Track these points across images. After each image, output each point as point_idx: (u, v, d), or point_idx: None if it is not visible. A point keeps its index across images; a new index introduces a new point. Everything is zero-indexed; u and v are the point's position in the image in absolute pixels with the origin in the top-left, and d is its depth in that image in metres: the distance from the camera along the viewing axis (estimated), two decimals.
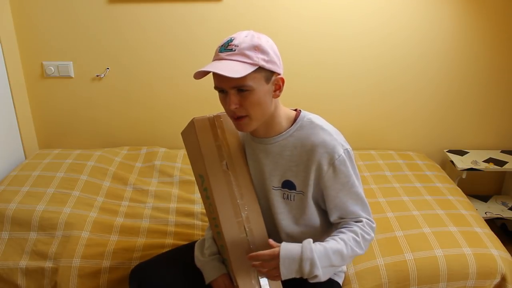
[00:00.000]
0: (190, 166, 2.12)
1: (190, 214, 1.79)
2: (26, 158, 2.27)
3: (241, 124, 1.14)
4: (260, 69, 1.08)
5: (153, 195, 1.92)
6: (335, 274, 1.34)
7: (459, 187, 2.04)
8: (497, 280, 1.49)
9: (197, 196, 1.93)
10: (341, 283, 1.35)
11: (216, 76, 1.08)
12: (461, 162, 2.27)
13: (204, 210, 1.81)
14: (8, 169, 2.09)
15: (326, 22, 2.21)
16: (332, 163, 1.14)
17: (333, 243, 1.10)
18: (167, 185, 2.01)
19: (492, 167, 2.23)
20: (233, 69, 1.04)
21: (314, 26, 2.22)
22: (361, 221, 1.17)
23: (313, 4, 2.18)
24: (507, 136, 2.46)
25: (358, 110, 2.40)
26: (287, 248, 1.06)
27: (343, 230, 1.15)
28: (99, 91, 2.34)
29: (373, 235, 1.18)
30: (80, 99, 2.35)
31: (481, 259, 1.49)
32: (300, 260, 1.05)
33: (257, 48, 1.08)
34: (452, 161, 2.30)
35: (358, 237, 1.13)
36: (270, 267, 1.06)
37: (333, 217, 1.20)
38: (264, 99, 1.11)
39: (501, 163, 2.27)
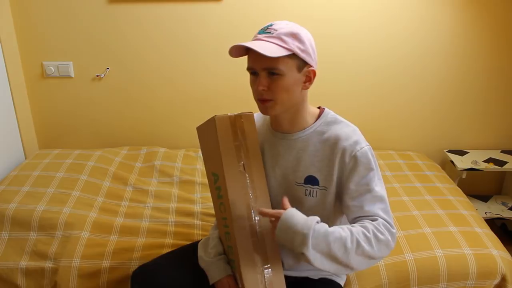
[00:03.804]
0: (190, 166, 2.14)
1: (190, 214, 1.79)
2: (26, 158, 2.27)
3: (266, 107, 1.15)
4: (294, 56, 1.10)
5: (153, 195, 1.92)
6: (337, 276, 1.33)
7: (459, 187, 2.04)
8: (497, 280, 1.49)
9: (197, 196, 1.93)
10: (342, 284, 1.34)
11: (250, 56, 1.11)
12: (461, 162, 2.27)
13: (204, 210, 1.81)
14: (8, 169, 2.09)
15: (326, 22, 2.22)
16: (354, 155, 1.14)
17: (338, 230, 1.04)
18: (167, 185, 2.01)
19: (492, 167, 2.23)
20: (268, 49, 1.07)
21: (314, 26, 2.20)
22: (376, 220, 1.09)
23: (313, 4, 2.18)
24: (507, 136, 2.46)
25: (358, 110, 2.40)
26: (290, 214, 1.04)
27: (354, 224, 1.10)
28: (99, 91, 2.34)
29: (389, 237, 1.07)
30: (80, 99, 2.35)
31: (481, 259, 1.49)
32: (294, 232, 1.01)
33: (295, 36, 1.10)
34: (452, 161, 2.30)
35: (369, 232, 1.05)
36: (273, 225, 1.07)
37: (351, 216, 1.15)
38: (293, 87, 1.13)
39: (501, 163, 2.27)
